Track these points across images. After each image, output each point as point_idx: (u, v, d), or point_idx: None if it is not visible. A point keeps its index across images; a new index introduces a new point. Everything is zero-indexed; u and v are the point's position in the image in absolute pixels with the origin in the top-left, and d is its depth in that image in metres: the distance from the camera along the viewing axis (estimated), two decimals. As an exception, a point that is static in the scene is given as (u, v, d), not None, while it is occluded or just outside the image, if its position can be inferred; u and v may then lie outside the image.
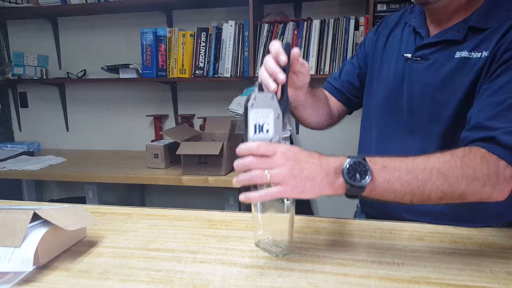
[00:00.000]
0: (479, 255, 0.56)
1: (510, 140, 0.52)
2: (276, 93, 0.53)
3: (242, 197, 0.49)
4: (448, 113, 0.66)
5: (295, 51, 0.56)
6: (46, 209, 0.57)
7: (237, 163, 0.50)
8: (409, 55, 0.71)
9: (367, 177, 0.50)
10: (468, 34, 0.64)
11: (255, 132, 0.51)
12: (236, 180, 0.50)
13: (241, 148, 0.50)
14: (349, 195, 0.51)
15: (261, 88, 0.53)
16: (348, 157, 0.51)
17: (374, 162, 0.51)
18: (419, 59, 0.69)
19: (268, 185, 0.50)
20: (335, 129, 0.93)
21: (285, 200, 0.55)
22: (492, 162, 0.52)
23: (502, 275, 0.50)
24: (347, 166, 0.50)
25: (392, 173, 0.51)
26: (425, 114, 0.69)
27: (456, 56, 0.64)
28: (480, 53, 0.62)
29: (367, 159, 0.51)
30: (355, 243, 0.61)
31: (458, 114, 0.64)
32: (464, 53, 0.63)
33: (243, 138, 0.52)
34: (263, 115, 0.51)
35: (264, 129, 0.51)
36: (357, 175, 0.50)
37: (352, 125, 1.89)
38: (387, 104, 0.75)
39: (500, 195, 0.53)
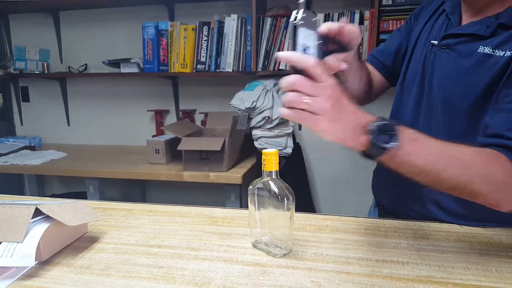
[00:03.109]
0: (485, 254, 0.55)
1: None
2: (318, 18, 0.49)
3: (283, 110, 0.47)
4: (462, 109, 0.64)
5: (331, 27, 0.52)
6: (48, 204, 0.57)
7: (285, 79, 0.47)
8: (435, 42, 0.69)
9: (393, 142, 0.48)
10: (496, 30, 0.61)
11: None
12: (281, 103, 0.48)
13: (296, 57, 0.46)
14: (367, 153, 0.49)
15: (306, 6, 0.47)
16: (382, 118, 0.49)
17: (405, 132, 0.50)
18: (444, 47, 0.68)
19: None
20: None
21: (285, 198, 0.54)
22: (509, 171, 0.52)
23: (509, 275, 0.49)
24: (377, 124, 0.48)
25: (418, 148, 0.50)
26: (441, 106, 0.67)
27: (479, 51, 0.62)
28: (504, 52, 0.59)
29: (399, 126, 0.49)
30: (359, 241, 0.60)
31: (471, 113, 0.62)
32: (488, 49, 0.61)
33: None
34: (308, 37, 0.47)
35: (308, 52, 0.47)
36: (382, 137, 0.48)
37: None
38: (411, 88, 0.74)
39: (506, 206, 0.52)
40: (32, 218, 0.54)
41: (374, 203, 0.90)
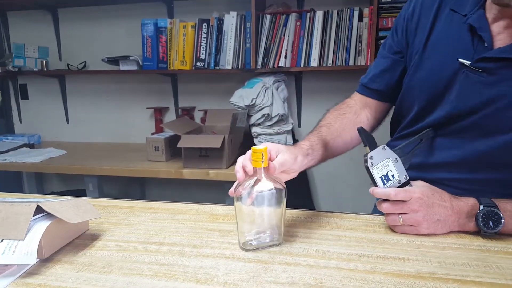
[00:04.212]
0: (485, 250, 0.55)
1: None
2: (386, 145, 0.60)
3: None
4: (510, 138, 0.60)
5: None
6: (49, 202, 0.57)
7: (378, 206, 0.61)
8: (466, 62, 0.61)
9: (500, 225, 0.56)
10: None
11: (384, 183, 0.60)
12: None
13: (379, 192, 0.59)
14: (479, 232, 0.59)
15: (371, 146, 0.60)
16: (480, 203, 0.58)
17: (504, 209, 0.57)
18: (480, 70, 0.60)
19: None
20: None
21: (283, 194, 0.55)
22: None
23: (509, 271, 0.50)
24: (481, 214, 0.57)
25: None
26: (477, 134, 0.63)
27: None
28: None
29: (499, 206, 0.56)
30: (360, 238, 0.60)
31: None
32: None
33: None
34: (383, 166, 0.60)
35: (389, 176, 0.60)
36: (491, 223, 0.57)
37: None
38: (428, 108, 0.68)
39: None
40: (33, 216, 0.54)
41: None
